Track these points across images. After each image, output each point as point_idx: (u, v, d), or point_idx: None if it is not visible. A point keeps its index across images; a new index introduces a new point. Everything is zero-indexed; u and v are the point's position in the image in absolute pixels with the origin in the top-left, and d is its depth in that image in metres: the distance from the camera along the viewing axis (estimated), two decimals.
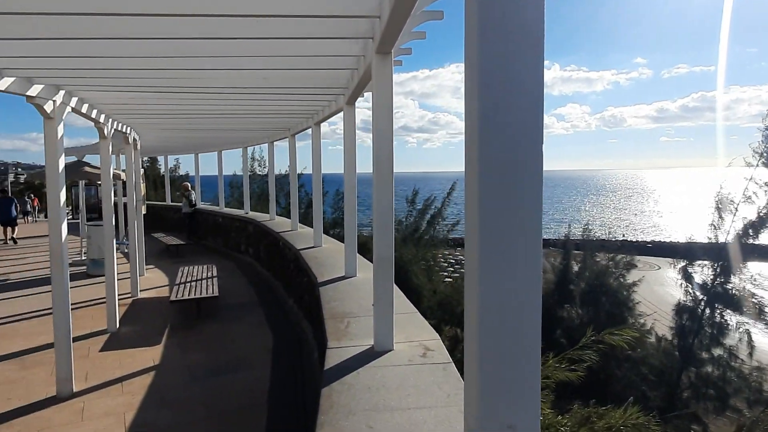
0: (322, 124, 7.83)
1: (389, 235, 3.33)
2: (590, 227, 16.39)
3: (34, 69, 4.29)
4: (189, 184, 15.80)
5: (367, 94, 5.42)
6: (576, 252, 15.31)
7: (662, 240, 40.18)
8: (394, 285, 3.49)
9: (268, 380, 5.31)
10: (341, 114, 6.71)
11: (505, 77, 1.08)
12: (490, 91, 1.08)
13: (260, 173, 21.54)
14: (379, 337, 3.27)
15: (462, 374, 2.84)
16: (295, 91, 5.86)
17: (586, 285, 14.07)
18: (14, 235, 16.54)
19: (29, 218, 24.38)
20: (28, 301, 8.49)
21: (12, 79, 4.26)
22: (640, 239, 37.73)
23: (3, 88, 4.16)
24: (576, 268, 14.83)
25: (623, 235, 24.34)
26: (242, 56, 4.11)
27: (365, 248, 9.21)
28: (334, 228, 16.36)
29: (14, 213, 17.01)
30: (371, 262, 6.45)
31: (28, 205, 24.94)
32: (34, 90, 4.60)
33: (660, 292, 20.33)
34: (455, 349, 10.00)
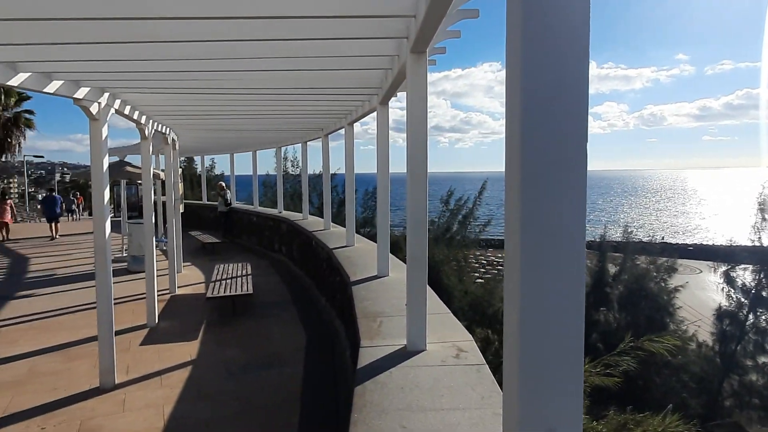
0: (354, 124, 7.87)
1: (423, 235, 3.32)
2: (630, 229, 15.95)
3: (80, 72, 4.46)
4: (224, 184, 16.15)
5: (401, 94, 5.43)
6: (612, 254, 14.93)
7: (703, 243, 38.76)
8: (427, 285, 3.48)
9: (301, 377, 5.37)
10: (373, 114, 6.76)
11: (548, 75, 1.06)
12: (532, 89, 1.06)
13: (293, 173, 21.84)
14: (411, 337, 3.26)
15: (495, 376, 2.82)
16: (328, 92, 5.91)
17: (624, 288, 13.70)
18: (58, 233, 17.35)
19: (74, 216, 25.39)
20: (72, 296, 8.84)
21: (60, 82, 4.44)
22: (680, 242, 36.48)
23: (52, 91, 4.34)
24: (613, 270, 14.46)
25: (662, 238, 23.61)
26: (277, 57, 4.17)
27: (396, 247, 9.21)
28: (363, 227, 16.45)
29: (59, 210, 17.90)
30: (403, 261, 6.48)
31: (73, 204, 25.96)
32: (81, 92, 4.79)
33: (701, 296, 19.63)
34: (486, 350, 9.89)
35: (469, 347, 3.26)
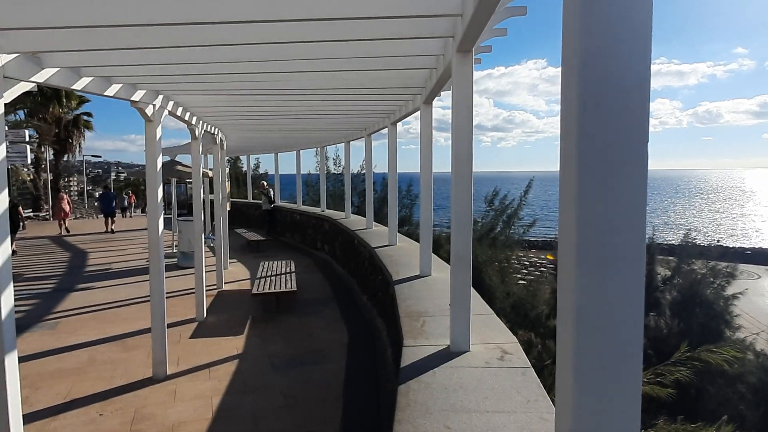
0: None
1: (467, 234, 3.30)
2: (689, 232, 15.26)
3: (137, 76, 4.66)
4: (265, 183, 16.53)
5: (443, 93, 5.41)
6: (664, 258, 14.33)
7: (762, 246, 36.66)
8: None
9: (343, 373, 5.44)
10: (414, 113, 6.76)
11: (607, 71, 1.03)
12: (590, 86, 1.04)
13: (335, 172, 22.07)
14: (455, 337, 3.25)
15: (541, 380, 2.77)
16: (372, 92, 5.95)
17: (677, 293, 13.12)
18: (113, 227, 18.63)
19: (127, 213, 26.58)
20: (126, 289, 9.27)
21: (119, 85, 4.66)
22: (738, 245, 34.61)
23: (112, 94, 4.56)
24: (664, 274, 13.88)
25: (718, 241, 22.47)
26: (323, 58, 4.23)
27: (437, 246, 9.15)
28: (401, 226, 16.45)
29: (113, 206, 19.44)
30: (445, 261, 6.44)
31: (126, 201, 27.16)
32: (138, 95, 5.01)
33: (759, 303, 18.59)
34: (529, 354, 9.67)
35: (513, 349, 3.22)
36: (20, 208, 13.86)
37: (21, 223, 13.96)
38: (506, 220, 15.92)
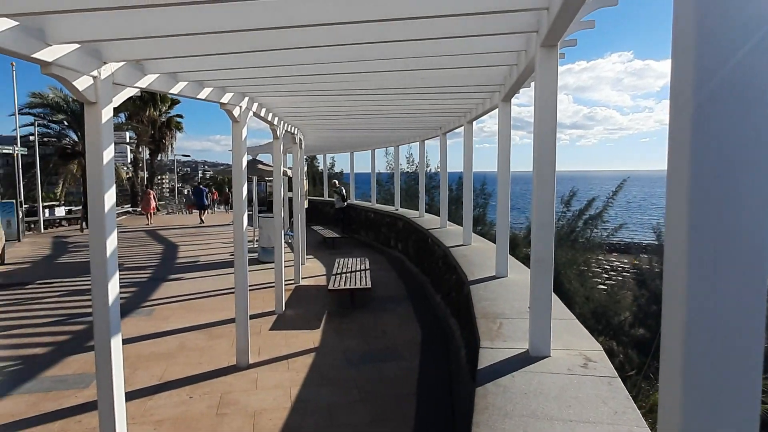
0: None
1: (549, 236, 3.19)
2: None
3: (226, 79, 4.93)
4: (337, 181, 16.91)
5: (521, 90, 5.25)
6: None
7: None
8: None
9: (416, 372, 5.45)
10: (491, 111, 6.62)
11: (727, 63, 0.95)
12: (707, 80, 0.96)
13: (408, 170, 22.13)
14: (535, 341, 3.15)
15: (629, 391, 2.62)
16: (449, 90, 5.90)
17: None
18: (204, 218, 21.24)
19: (209, 210, 28.23)
20: (212, 281, 9.85)
21: (210, 89, 4.96)
22: None
23: (203, 97, 4.86)
24: None
25: None
26: (402, 58, 4.25)
27: (512, 247, 8.91)
28: (475, 226, 16.17)
29: (206, 201, 22.65)
30: (520, 261, 6.27)
31: (209, 198, 28.84)
32: (226, 98, 5.30)
33: None
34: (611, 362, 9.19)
35: (598, 357, 3.07)
36: None
37: None
38: (588, 221, 15.21)
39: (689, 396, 1.02)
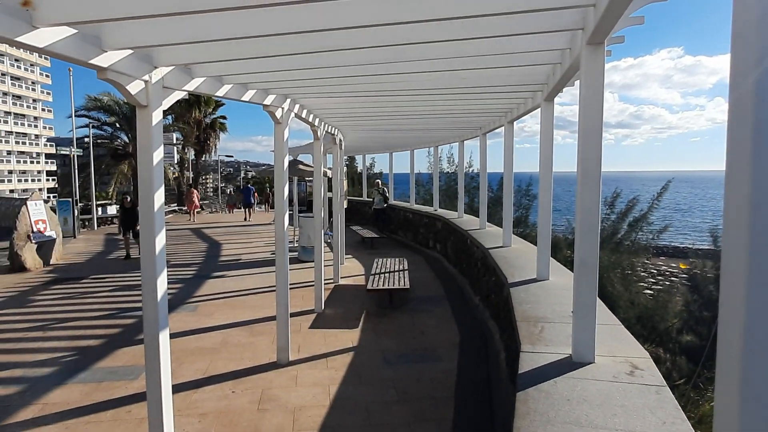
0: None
1: (594, 238, 3.10)
2: None
3: (269, 81, 5.03)
4: (380, 182, 16.98)
5: (564, 89, 5.13)
6: None
7: None
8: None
9: (454, 374, 5.41)
10: (533, 111, 6.50)
11: None
12: None
13: (448, 170, 21.99)
14: (578, 346, 3.07)
15: (677, 400, 2.52)
16: (490, 90, 5.83)
17: None
18: (250, 217, 22.61)
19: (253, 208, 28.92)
20: (253, 279, 10.09)
21: (254, 91, 5.07)
22: None
23: (247, 99, 4.98)
24: None
25: None
26: (442, 58, 4.23)
27: (553, 250, 8.72)
28: (515, 227, 15.89)
29: (252, 200, 23.91)
30: (561, 264, 6.12)
31: (254, 197, 29.54)
32: (269, 99, 5.41)
33: None
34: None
35: (645, 365, 2.97)
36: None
37: (138, 224, 14.78)
38: (632, 223, 14.71)
39: (748, 408, 0.97)
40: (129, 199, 13.15)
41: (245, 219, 22.70)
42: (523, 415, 2.39)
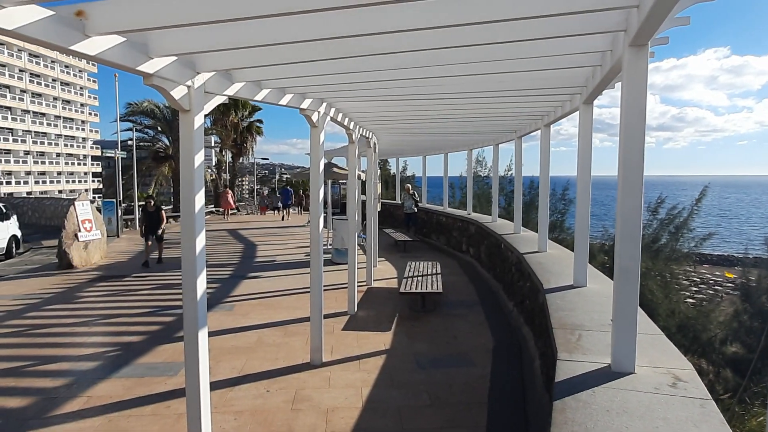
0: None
1: (635, 245, 3.02)
2: None
3: (305, 86, 5.10)
4: (410, 186, 16.97)
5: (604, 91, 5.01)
6: None
7: None
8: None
9: (488, 380, 5.35)
10: (570, 114, 6.38)
11: None
12: None
13: (481, 174, 21.80)
14: (618, 356, 2.99)
15: (723, 415, 2.42)
16: (526, 93, 5.75)
17: None
18: (288, 217, 23.63)
19: (290, 209, 29.27)
20: (287, 280, 10.23)
21: (291, 95, 5.16)
22: None
23: (285, 103, 5.07)
24: None
25: None
26: (479, 62, 4.20)
27: (589, 256, 8.53)
28: (551, 232, 15.57)
29: (290, 200, 25.56)
30: (598, 269, 5.97)
31: (280, 200, 29.86)
32: (306, 103, 5.49)
33: None
34: None
35: (688, 377, 2.87)
36: (162, 212, 12.80)
37: (161, 227, 12.59)
38: (673, 230, 14.20)
39: None
40: (153, 202, 12.75)
41: (283, 219, 23.75)
42: (561, 425, 2.34)
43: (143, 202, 13.73)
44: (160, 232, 12.58)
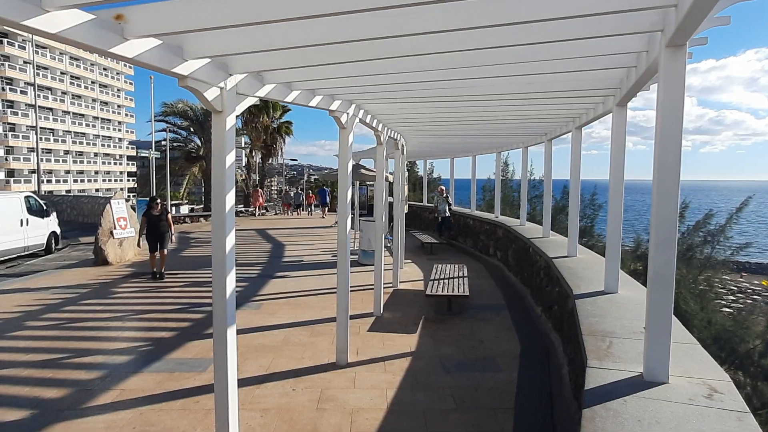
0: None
1: (671, 251, 2.94)
2: None
3: (335, 88, 5.14)
4: (444, 188, 16.87)
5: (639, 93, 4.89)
6: None
7: None
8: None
9: (515, 385, 5.28)
10: (603, 117, 6.25)
11: None
12: None
13: (510, 177, 21.55)
14: (650, 364, 2.91)
15: (764, 430, 2.33)
16: (557, 95, 5.65)
17: None
18: (325, 215, 24.85)
19: (303, 211, 29.39)
20: (314, 280, 10.31)
21: (320, 97, 5.20)
22: None
23: (314, 105, 5.11)
24: None
25: None
26: (509, 63, 4.15)
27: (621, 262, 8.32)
28: (581, 237, 15.25)
29: (327, 199, 27.36)
30: (629, 275, 5.82)
31: (303, 201, 29.95)
32: (335, 105, 5.53)
33: None
34: None
35: (725, 389, 2.77)
36: (169, 217, 11.11)
37: (170, 237, 10.98)
38: (709, 238, 13.74)
39: None
40: (159, 204, 10.88)
41: (322, 217, 25.41)
42: None
43: (147, 205, 11.07)
44: (167, 243, 10.82)
